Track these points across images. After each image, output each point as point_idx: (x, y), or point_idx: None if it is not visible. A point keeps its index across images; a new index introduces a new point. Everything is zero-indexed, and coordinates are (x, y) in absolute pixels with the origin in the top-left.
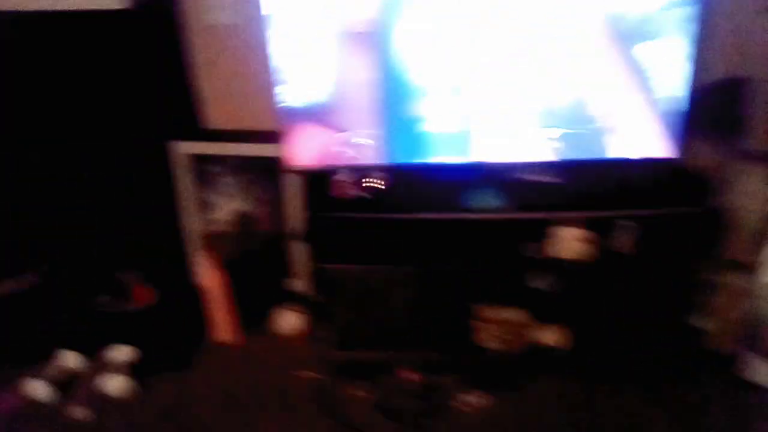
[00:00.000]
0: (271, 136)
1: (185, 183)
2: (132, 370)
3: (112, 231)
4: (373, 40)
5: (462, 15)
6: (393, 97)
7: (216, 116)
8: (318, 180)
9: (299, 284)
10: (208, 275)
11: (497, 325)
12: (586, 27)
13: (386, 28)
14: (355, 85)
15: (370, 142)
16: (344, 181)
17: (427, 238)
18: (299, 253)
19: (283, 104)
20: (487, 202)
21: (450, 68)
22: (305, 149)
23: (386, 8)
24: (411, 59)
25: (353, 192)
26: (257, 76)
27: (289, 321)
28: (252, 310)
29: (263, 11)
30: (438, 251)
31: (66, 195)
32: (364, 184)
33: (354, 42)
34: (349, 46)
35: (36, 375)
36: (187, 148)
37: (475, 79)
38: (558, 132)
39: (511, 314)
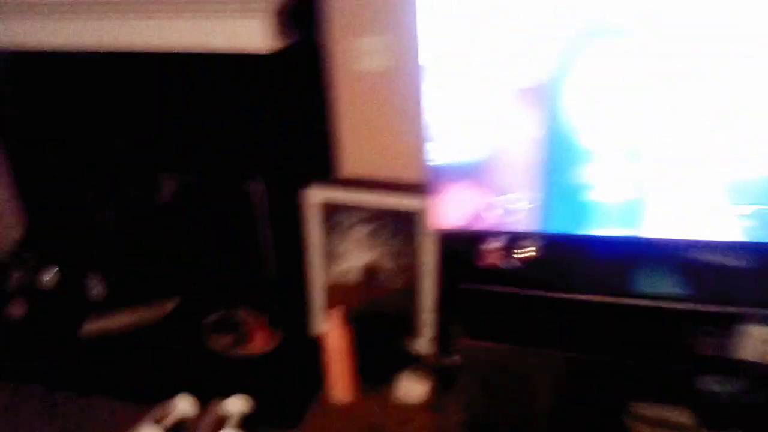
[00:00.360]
0: (412, 189)
1: (315, 230)
2: (245, 422)
3: (237, 271)
4: (540, 97)
5: (644, 69)
6: (557, 160)
7: (354, 164)
8: (461, 244)
9: (427, 349)
10: (331, 328)
11: (658, 428)
12: None
13: (556, 83)
14: (515, 144)
15: (527, 207)
16: (493, 249)
17: (583, 320)
18: (430, 316)
19: (432, 158)
20: (657, 286)
21: (626, 129)
22: (452, 209)
23: (558, 61)
24: (581, 118)
25: (502, 262)
26: (403, 125)
27: (411, 388)
28: (372, 370)
29: (420, 60)
30: (594, 336)
31: (194, 234)
32: (515, 255)
33: (518, 98)
34: (512, 101)
35: (149, 418)
36: (320, 194)
37: (654, 143)
38: (749, 208)
39: (676, 416)
